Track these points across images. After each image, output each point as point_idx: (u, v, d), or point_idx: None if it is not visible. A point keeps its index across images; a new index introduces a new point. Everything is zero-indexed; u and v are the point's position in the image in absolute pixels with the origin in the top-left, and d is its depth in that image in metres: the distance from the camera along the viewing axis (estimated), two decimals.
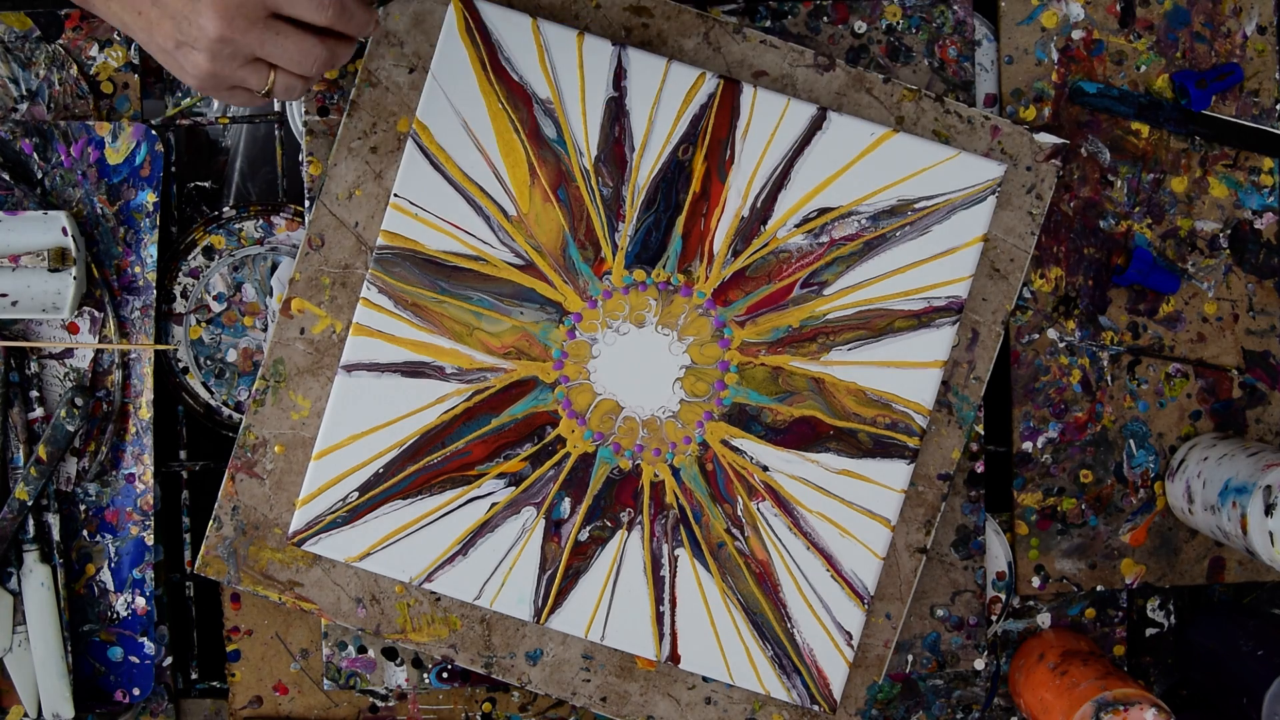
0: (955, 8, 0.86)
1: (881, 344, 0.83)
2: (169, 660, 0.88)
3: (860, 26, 0.86)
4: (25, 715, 0.85)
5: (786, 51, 0.83)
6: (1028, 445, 0.88)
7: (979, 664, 0.88)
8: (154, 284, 0.85)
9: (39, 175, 0.85)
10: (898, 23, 0.86)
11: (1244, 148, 0.89)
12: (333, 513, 0.82)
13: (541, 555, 0.83)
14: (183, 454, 0.89)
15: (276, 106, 0.90)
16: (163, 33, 0.62)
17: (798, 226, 0.82)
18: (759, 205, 0.82)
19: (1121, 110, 0.88)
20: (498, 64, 0.81)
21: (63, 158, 0.85)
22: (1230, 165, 0.89)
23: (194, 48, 0.62)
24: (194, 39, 0.61)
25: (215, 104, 0.95)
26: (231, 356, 0.87)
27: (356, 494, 0.82)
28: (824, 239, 0.83)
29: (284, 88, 0.64)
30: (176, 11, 0.61)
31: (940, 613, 0.87)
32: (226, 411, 0.88)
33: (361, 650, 0.87)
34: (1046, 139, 0.84)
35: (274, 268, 0.87)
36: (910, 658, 0.88)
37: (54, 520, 0.84)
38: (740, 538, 0.83)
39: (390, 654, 0.87)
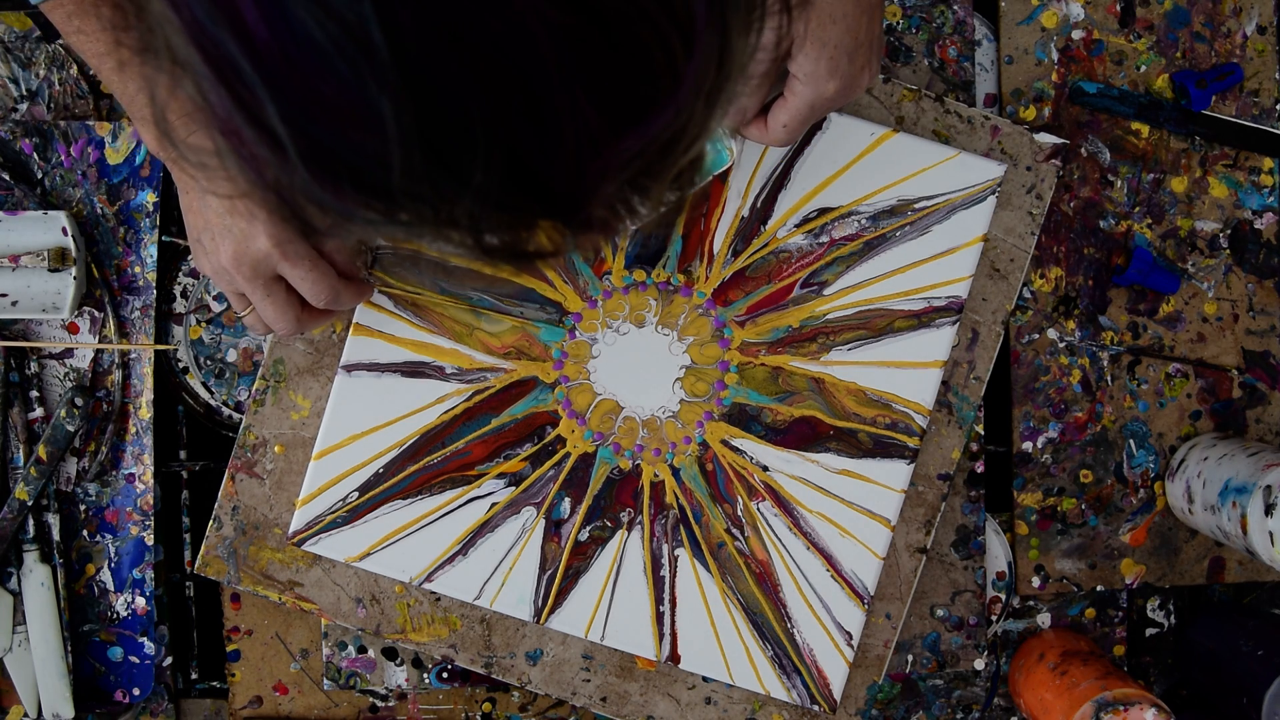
0: (955, 8, 0.86)
1: (881, 344, 0.83)
2: (169, 660, 0.88)
3: None
4: (25, 715, 0.85)
5: None
6: (1028, 445, 0.88)
7: (979, 664, 0.88)
8: (154, 284, 0.85)
9: (39, 175, 0.85)
10: (898, 23, 0.86)
11: (1244, 148, 0.89)
12: (333, 513, 0.82)
13: (541, 555, 0.83)
14: (183, 454, 0.89)
15: None
16: (192, 225, 0.72)
17: (798, 226, 0.82)
18: (759, 205, 0.82)
19: (1121, 110, 0.88)
20: None
21: (63, 158, 0.85)
22: (1230, 165, 0.89)
23: (203, 260, 0.71)
24: (207, 255, 0.71)
25: None
26: (231, 356, 0.87)
27: (356, 494, 0.82)
28: (824, 239, 0.83)
29: (251, 326, 0.74)
30: (208, 224, 0.70)
31: (940, 613, 0.87)
32: (226, 411, 0.88)
33: (361, 650, 0.87)
34: (1046, 139, 0.84)
35: None
36: (910, 658, 0.88)
37: (54, 520, 0.84)
38: (740, 538, 0.83)
39: (390, 654, 0.87)
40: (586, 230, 0.42)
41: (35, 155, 0.85)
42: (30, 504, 0.83)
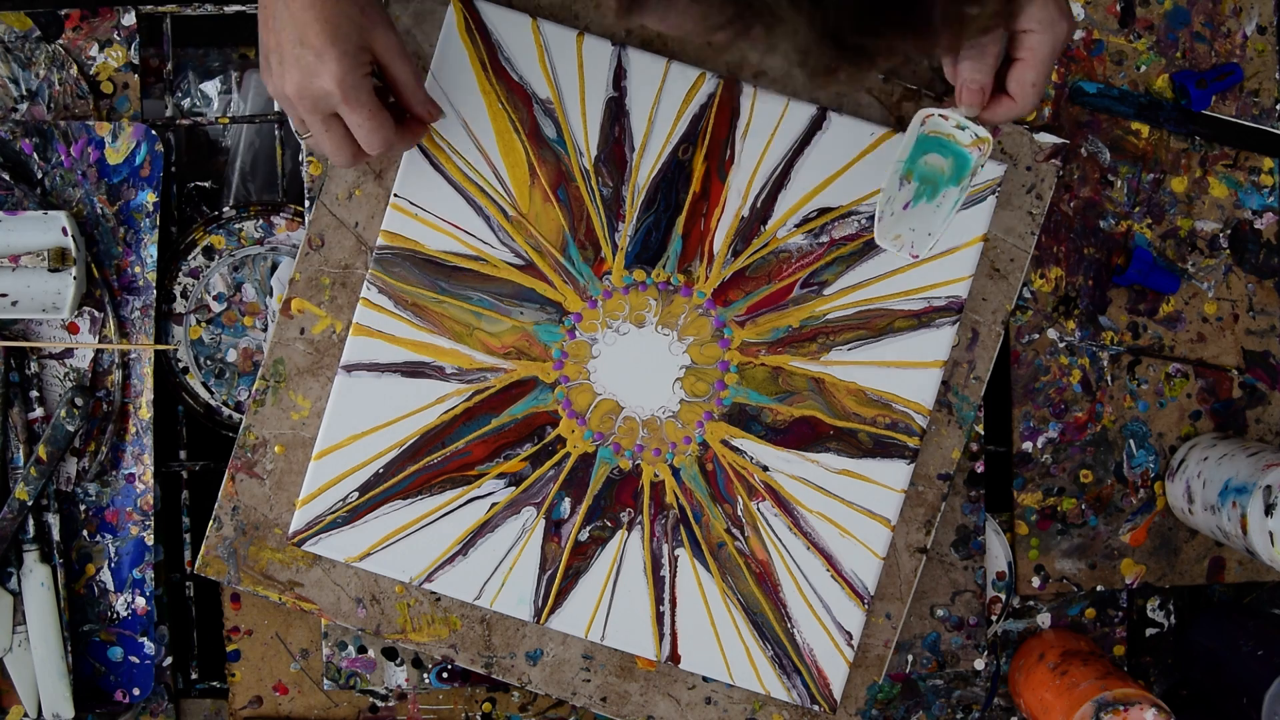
0: None
1: (881, 344, 0.83)
2: (169, 660, 0.88)
3: None
4: (25, 715, 0.85)
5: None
6: (1028, 445, 0.88)
7: (979, 664, 0.88)
8: (154, 284, 0.85)
9: (39, 175, 0.85)
10: None
11: (1244, 148, 0.89)
12: (333, 513, 0.82)
13: (541, 555, 0.83)
14: (183, 454, 0.89)
15: (277, 106, 0.90)
16: (264, 42, 0.71)
17: (798, 226, 0.82)
18: (759, 205, 0.82)
19: (1121, 110, 0.88)
20: (498, 64, 0.81)
21: (63, 158, 0.85)
22: (1230, 165, 0.89)
23: (268, 80, 0.71)
24: (272, 78, 0.70)
25: (215, 104, 0.95)
26: (231, 356, 0.87)
27: (356, 494, 0.82)
28: (824, 239, 0.83)
29: (310, 148, 0.74)
30: (279, 45, 0.69)
31: (940, 613, 0.87)
32: (226, 411, 0.88)
33: (361, 650, 0.87)
34: (1046, 139, 0.84)
35: (274, 268, 0.87)
36: (910, 658, 0.88)
37: (54, 520, 0.84)
38: (740, 538, 0.83)
39: (390, 654, 0.87)
40: (923, 29, 0.41)
41: (35, 155, 0.85)
42: (30, 504, 0.83)
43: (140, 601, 0.86)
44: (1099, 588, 0.89)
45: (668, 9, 0.41)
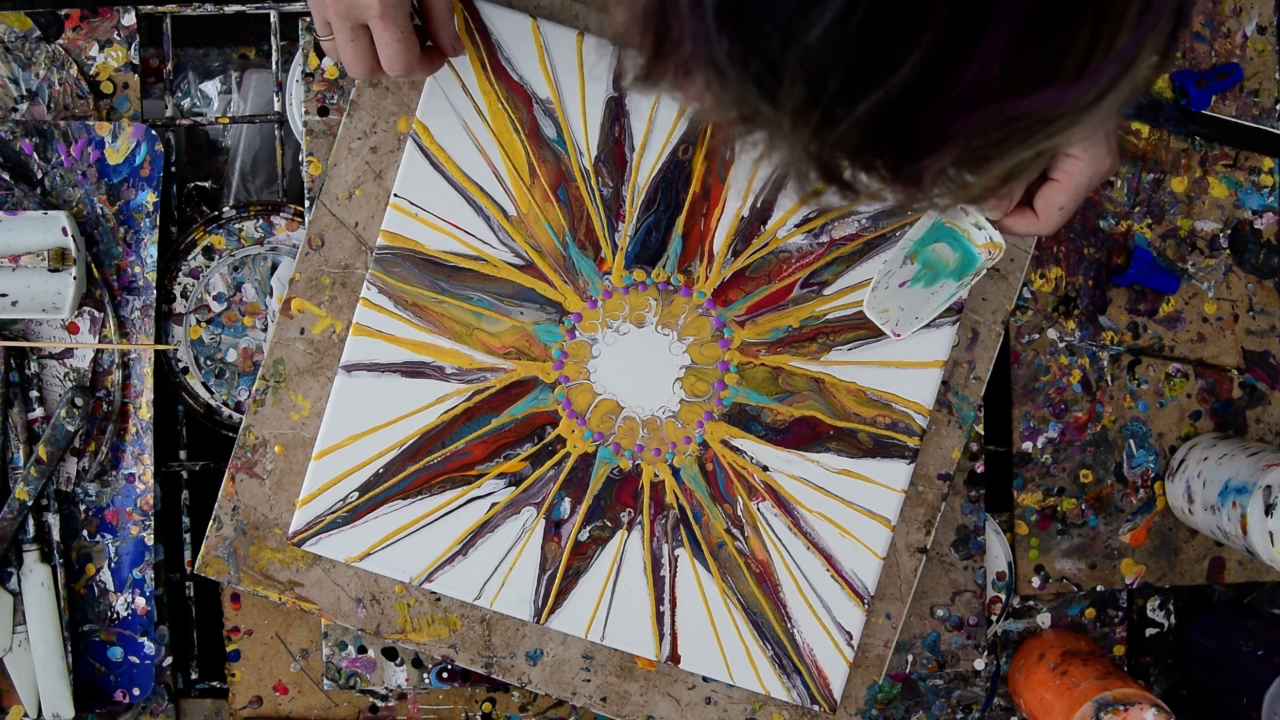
0: None
1: (881, 344, 0.83)
2: (169, 660, 0.88)
3: None
4: (25, 715, 0.85)
5: None
6: (1028, 445, 0.88)
7: (979, 664, 0.88)
8: (154, 284, 0.85)
9: (39, 175, 0.85)
10: None
11: (1244, 148, 0.89)
12: (333, 513, 0.82)
13: (541, 555, 0.83)
14: (183, 454, 0.89)
15: (277, 106, 0.90)
16: None
17: (797, 226, 0.82)
18: (759, 205, 0.82)
19: (1122, 110, 0.87)
20: (498, 64, 0.81)
21: (63, 158, 0.85)
22: (1230, 165, 0.89)
23: None
24: None
25: (215, 104, 0.95)
26: (231, 356, 0.87)
27: (356, 494, 0.82)
28: (824, 239, 0.83)
29: (328, 53, 0.74)
30: None
31: (940, 613, 0.87)
32: (226, 411, 0.88)
33: (361, 650, 0.87)
34: None
35: (274, 268, 0.87)
36: (910, 658, 0.88)
37: (54, 520, 0.84)
38: (740, 538, 0.83)
39: (390, 654, 0.87)
40: (912, 185, 0.41)
41: (35, 155, 0.85)
42: (30, 504, 0.83)
43: (140, 601, 0.86)
44: (1099, 588, 0.89)
45: (684, 86, 0.41)
